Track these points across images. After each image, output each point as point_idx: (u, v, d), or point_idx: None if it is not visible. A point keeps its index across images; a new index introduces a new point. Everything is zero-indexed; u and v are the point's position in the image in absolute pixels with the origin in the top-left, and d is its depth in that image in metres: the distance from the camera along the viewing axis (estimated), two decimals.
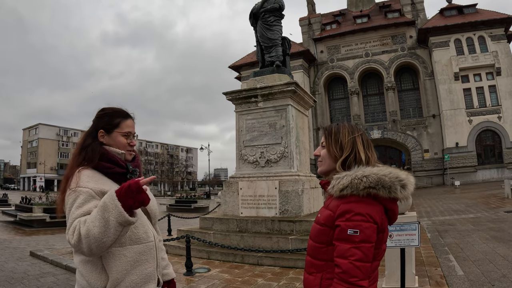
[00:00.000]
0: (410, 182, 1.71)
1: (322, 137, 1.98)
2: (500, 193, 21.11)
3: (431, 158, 41.86)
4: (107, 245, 1.67)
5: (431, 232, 10.53)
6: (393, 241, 4.35)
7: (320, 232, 1.76)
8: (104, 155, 1.95)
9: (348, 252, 1.57)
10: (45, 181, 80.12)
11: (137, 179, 1.70)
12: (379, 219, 1.65)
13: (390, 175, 1.67)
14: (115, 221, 1.63)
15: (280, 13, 10.20)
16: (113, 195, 1.66)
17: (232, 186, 9.38)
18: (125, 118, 2.10)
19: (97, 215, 1.65)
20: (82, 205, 1.77)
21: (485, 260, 6.97)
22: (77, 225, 1.69)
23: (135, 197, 1.67)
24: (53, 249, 9.80)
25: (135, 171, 2.04)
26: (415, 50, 43.84)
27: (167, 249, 8.65)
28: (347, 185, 1.67)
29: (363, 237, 1.58)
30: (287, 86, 9.06)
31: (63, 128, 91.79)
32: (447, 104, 39.99)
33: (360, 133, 1.87)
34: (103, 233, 1.63)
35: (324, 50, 48.27)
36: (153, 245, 1.99)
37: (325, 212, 1.78)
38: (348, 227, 1.60)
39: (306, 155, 9.98)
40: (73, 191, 1.81)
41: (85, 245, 1.65)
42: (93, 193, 1.81)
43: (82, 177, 1.85)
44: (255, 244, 7.87)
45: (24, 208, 18.14)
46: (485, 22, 39.88)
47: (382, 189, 1.64)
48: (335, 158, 1.84)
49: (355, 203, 1.65)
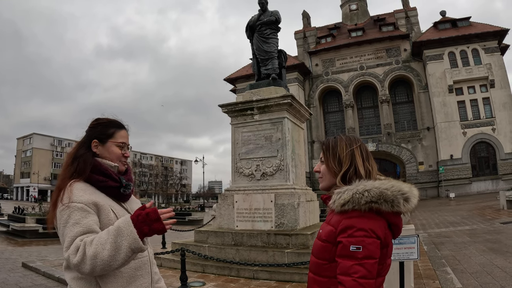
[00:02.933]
0: (414, 195, 1.67)
1: (320, 152, 1.96)
2: (495, 205, 21.16)
3: (425, 170, 41.98)
4: (112, 269, 1.66)
5: (428, 244, 10.49)
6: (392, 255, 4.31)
7: (322, 249, 1.71)
8: (96, 168, 1.90)
9: (351, 269, 1.52)
10: (39, 191, 79.49)
11: (155, 208, 1.71)
12: (382, 234, 1.61)
13: (392, 188, 1.63)
14: (128, 247, 1.63)
15: (277, 26, 10.25)
16: (128, 221, 1.67)
17: (227, 199, 9.31)
18: (119, 129, 2.06)
19: (109, 238, 1.63)
20: (79, 221, 1.72)
21: (483, 272, 6.94)
22: (81, 245, 1.64)
23: (151, 225, 1.67)
24: (46, 261, 9.70)
25: (128, 185, 1.99)
26: (409, 63, 44.20)
27: (162, 262, 8.58)
28: (348, 200, 1.63)
29: (366, 253, 1.53)
30: (283, 98, 9.06)
31: (58, 138, 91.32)
32: (442, 117, 40.23)
33: (359, 145, 1.84)
34: (112, 257, 1.61)
35: (319, 63, 48.56)
36: (147, 259, 1.96)
37: (326, 227, 1.74)
38: (350, 243, 1.55)
39: (302, 168, 9.95)
40: (66, 206, 1.75)
41: (89, 266, 1.61)
42: (88, 208, 1.76)
43: (74, 191, 1.79)
44: (250, 257, 7.80)
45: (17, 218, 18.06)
46: (478, 35, 40.31)
47: (385, 203, 1.60)
48: (334, 173, 1.81)
49: (357, 218, 1.60)
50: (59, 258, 9.81)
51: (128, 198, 2.05)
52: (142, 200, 2.96)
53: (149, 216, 1.67)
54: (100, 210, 1.80)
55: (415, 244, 4.34)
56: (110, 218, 1.80)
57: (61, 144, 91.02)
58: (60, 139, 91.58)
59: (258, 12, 10.36)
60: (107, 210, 1.82)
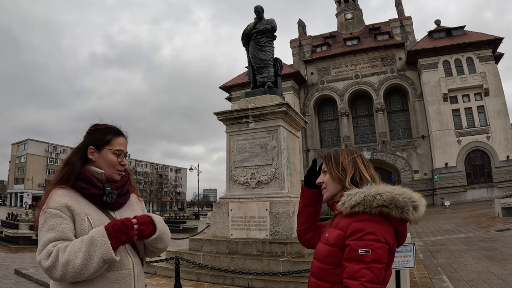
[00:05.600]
0: (422, 204, 1.68)
1: (322, 164, 1.99)
2: (490, 212, 21.20)
3: (420, 178, 42.05)
4: (83, 277, 1.66)
5: (423, 252, 10.48)
6: None
7: (329, 253, 1.70)
8: (81, 175, 1.88)
9: (359, 273, 1.50)
10: (33, 197, 78.63)
11: (129, 218, 1.79)
12: (391, 240, 1.62)
13: (404, 195, 1.64)
14: (100, 257, 1.64)
15: (272, 34, 10.27)
16: (103, 231, 1.70)
17: (222, 207, 9.28)
18: (117, 136, 2.02)
19: (82, 247, 1.65)
20: (53, 227, 1.72)
21: (479, 279, 6.93)
22: (54, 251, 1.65)
23: (128, 233, 1.73)
24: (39, 268, 9.58)
25: (111, 193, 1.92)
26: (404, 71, 44.43)
27: (156, 271, 8.52)
28: (360, 202, 1.64)
29: (375, 257, 1.52)
30: (279, 107, 9.06)
31: (52, 144, 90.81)
32: (436, 125, 40.39)
33: (359, 154, 1.92)
34: (84, 265, 1.62)
35: (315, 71, 48.71)
36: (129, 273, 1.86)
37: (334, 232, 1.73)
38: (359, 246, 1.55)
39: (297, 176, 9.93)
40: (43, 212, 1.76)
41: (60, 272, 1.62)
42: (63, 214, 1.75)
43: (53, 197, 1.79)
44: (245, 266, 7.75)
45: (10, 225, 17.95)
46: (473, 43, 40.57)
47: (395, 208, 1.61)
48: (339, 180, 1.84)
49: (368, 221, 1.61)
50: None
51: (120, 206, 2.00)
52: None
53: (124, 224, 1.73)
54: (75, 217, 1.78)
55: (411, 253, 4.33)
56: (84, 227, 1.77)
57: (56, 151, 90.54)
58: (55, 145, 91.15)
59: (254, 20, 10.39)
60: (82, 218, 1.79)
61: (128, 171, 2.11)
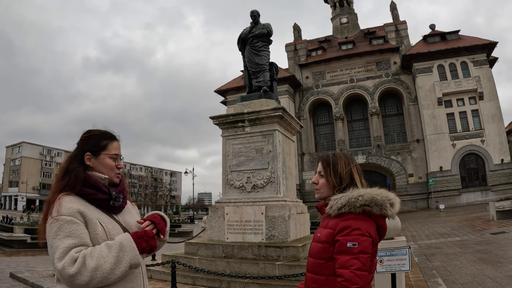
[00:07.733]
0: (397, 201, 1.98)
1: (319, 165, 2.20)
2: (485, 216, 21.23)
3: (415, 182, 42.14)
4: (108, 282, 1.71)
5: (418, 256, 10.51)
6: (384, 266, 4.32)
7: (321, 249, 1.95)
8: (86, 181, 1.90)
9: (349, 263, 1.77)
10: (27, 200, 78.16)
11: (150, 230, 1.93)
12: (374, 234, 1.89)
13: (381, 194, 1.93)
14: (128, 262, 1.75)
15: (268, 39, 10.31)
16: (129, 237, 1.82)
17: (218, 211, 9.28)
18: (112, 140, 2.06)
19: (111, 252, 1.72)
20: (71, 234, 1.73)
21: (474, 282, 6.96)
22: (80, 256, 1.67)
23: (148, 241, 1.85)
24: (34, 271, 9.57)
25: (118, 197, 1.98)
26: (399, 76, 44.60)
27: (152, 275, 8.51)
28: (345, 204, 1.90)
29: (361, 248, 1.79)
30: (275, 111, 9.08)
31: (47, 147, 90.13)
32: (431, 129, 40.55)
33: (355, 164, 2.12)
34: (112, 270, 1.69)
35: (310, 75, 48.80)
36: (139, 271, 1.94)
37: (324, 231, 1.99)
38: (347, 240, 1.82)
39: (292, 180, 9.96)
40: (55, 219, 1.75)
41: (87, 277, 1.65)
42: (77, 221, 1.77)
43: (63, 203, 1.79)
44: (241, 270, 7.75)
45: (4, 228, 17.81)
46: (467, 48, 40.81)
47: (375, 206, 1.89)
48: (333, 187, 2.08)
49: (353, 220, 1.87)
50: (48, 269, 9.69)
51: (121, 209, 2.04)
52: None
53: (147, 233, 1.87)
54: (88, 223, 1.80)
55: (406, 256, 4.36)
56: (98, 232, 1.81)
57: (50, 154, 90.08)
58: (49, 148, 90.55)
59: (250, 25, 10.42)
60: (95, 223, 1.82)
61: (121, 175, 2.14)
